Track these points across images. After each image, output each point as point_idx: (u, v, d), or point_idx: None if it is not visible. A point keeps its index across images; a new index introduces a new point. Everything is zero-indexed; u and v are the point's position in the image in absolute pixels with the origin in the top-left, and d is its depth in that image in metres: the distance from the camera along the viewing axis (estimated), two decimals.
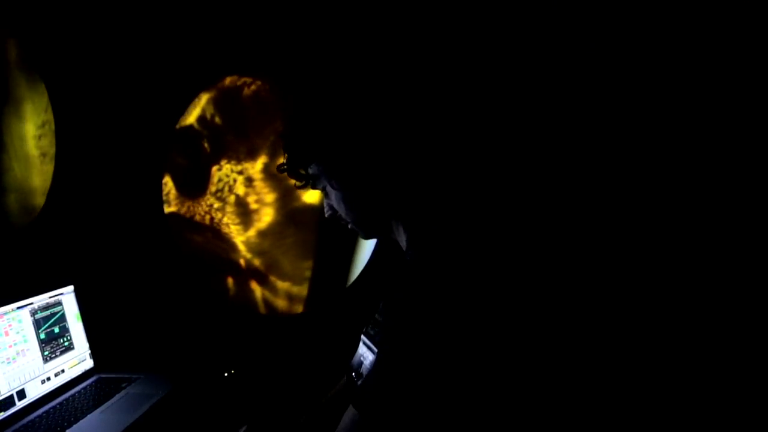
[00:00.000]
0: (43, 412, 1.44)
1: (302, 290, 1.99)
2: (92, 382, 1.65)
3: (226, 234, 1.97)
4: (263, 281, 1.99)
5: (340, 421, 0.85)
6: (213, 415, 1.48)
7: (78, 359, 1.67)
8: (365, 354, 1.01)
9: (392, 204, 0.97)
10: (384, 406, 0.80)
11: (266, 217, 1.97)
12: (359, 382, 0.98)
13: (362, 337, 1.05)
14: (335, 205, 1.00)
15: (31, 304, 1.55)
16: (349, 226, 1.04)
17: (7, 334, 1.44)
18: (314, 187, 1.02)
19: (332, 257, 1.98)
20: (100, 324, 1.79)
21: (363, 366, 1.01)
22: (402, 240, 0.99)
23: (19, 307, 1.50)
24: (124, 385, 1.60)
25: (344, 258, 1.99)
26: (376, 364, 0.87)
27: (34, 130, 1.78)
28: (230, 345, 1.92)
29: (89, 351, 1.72)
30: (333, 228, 1.76)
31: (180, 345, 1.92)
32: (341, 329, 1.55)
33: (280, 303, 2.00)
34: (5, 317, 1.45)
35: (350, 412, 0.84)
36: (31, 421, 1.39)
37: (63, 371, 1.60)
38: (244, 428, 1.38)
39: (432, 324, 0.80)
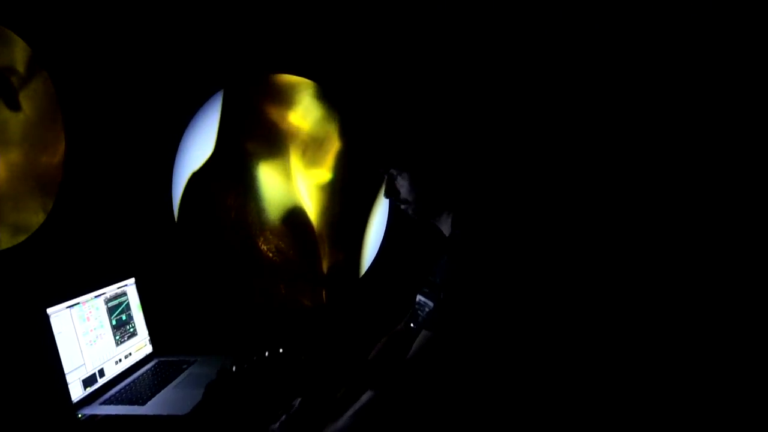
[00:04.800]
0: (121, 388, 1.63)
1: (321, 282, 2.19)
2: (154, 364, 1.84)
3: (254, 232, 2.17)
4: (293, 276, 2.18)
5: (413, 345, 1.11)
6: (270, 389, 1.68)
7: (141, 344, 1.86)
8: (424, 305, 1.31)
9: (451, 197, 1.26)
10: (449, 323, 1.10)
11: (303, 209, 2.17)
12: (420, 322, 1.27)
13: (418, 296, 1.35)
14: (403, 191, 1.26)
15: (105, 293, 1.74)
16: (402, 207, 1.31)
17: (88, 319, 1.63)
18: (386, 172, 1.29)
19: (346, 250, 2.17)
20: (156, 313, 1.98)
21: (421, 315, 1.31)
22: (445, 225, 1.29)
23: (96, 296, 1.69)
24: (184, 366, 1.79)
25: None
26: (441, 300, 1.16)
27: None
28: (276, 331, 2.12)
29: (149, 337, 1.91)
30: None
31: (227, 332, 2.11)
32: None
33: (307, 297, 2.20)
34: (87, 305, 1.64)
35: (423, 335, 1.11)
36: (113, 396, 1.58)
37: (130, 354, 1.79)
38: (298, 400, 1.58)
39: (475, 273, 1.11)
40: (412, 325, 1.35)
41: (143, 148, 2.09)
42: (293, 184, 2.18)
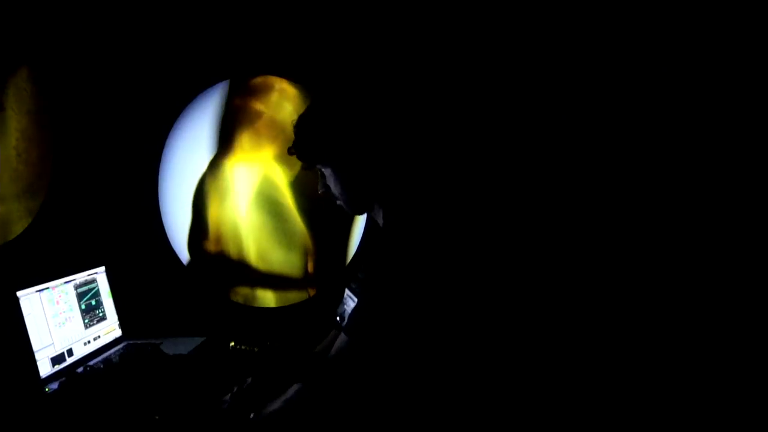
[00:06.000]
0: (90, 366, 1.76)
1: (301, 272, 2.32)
2: (123, 346, 1.97)
3: (226, 226, 2.30)
4: (263, 271, 2.31)
5: (333, 346, 1.20)
6: (223, 370, 1.80)
7: (110, 328, 1.99)
8: (348, 302, 1.35)
9: (376, 189, 1.29)
10: (365, 329, 1.17)
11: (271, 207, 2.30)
12: (346, 320, 1.33)
13: (346, 290, 1.39)
14: (331, 185, 1.28)
15: (74, 279, 1.87)
16: (338, 203, 1.33)
17: (58, 303, 1.76)
18: (316, 168, 1.30)
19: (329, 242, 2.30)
20: (123, 299, 2.11)
21: (346, 311, 1.35)
22: (379, 217, 1.33)
23: (65, 282, 1.82)
24: (150, 348, 1.93)
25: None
26: (359, 302, 1.22)
27: None
28: (234, 319, 2.25)
29: (118, 322, 2.05)
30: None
31: (184, 318, 2.24)
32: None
33: (284, 291, 2.32)
34: (56, 289, 1.77)
35: (341, 338, 1.19)
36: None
37: (99, 337, 1.92)
38: (249, 380, 1.70)
39: (397, 272, 1.17)
40: (338, 318, 1.40)
41: (118, 148, 2.23)
42: (274, 179, 2.28)
